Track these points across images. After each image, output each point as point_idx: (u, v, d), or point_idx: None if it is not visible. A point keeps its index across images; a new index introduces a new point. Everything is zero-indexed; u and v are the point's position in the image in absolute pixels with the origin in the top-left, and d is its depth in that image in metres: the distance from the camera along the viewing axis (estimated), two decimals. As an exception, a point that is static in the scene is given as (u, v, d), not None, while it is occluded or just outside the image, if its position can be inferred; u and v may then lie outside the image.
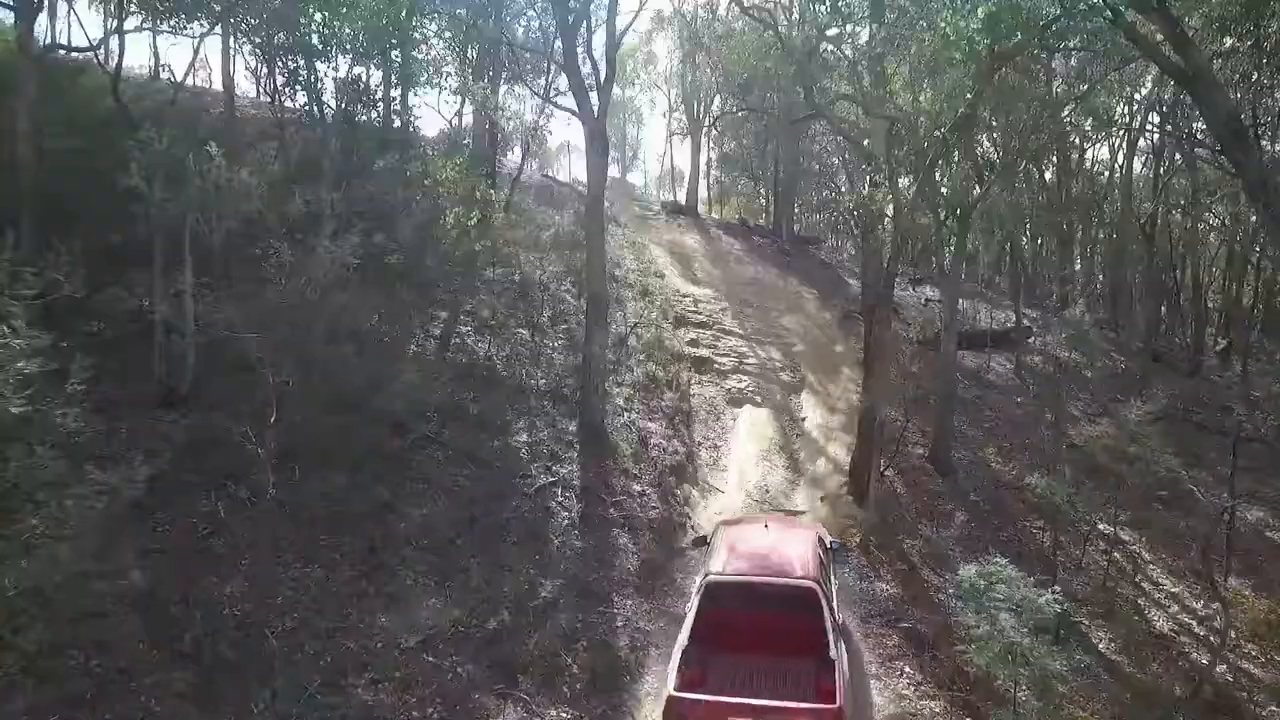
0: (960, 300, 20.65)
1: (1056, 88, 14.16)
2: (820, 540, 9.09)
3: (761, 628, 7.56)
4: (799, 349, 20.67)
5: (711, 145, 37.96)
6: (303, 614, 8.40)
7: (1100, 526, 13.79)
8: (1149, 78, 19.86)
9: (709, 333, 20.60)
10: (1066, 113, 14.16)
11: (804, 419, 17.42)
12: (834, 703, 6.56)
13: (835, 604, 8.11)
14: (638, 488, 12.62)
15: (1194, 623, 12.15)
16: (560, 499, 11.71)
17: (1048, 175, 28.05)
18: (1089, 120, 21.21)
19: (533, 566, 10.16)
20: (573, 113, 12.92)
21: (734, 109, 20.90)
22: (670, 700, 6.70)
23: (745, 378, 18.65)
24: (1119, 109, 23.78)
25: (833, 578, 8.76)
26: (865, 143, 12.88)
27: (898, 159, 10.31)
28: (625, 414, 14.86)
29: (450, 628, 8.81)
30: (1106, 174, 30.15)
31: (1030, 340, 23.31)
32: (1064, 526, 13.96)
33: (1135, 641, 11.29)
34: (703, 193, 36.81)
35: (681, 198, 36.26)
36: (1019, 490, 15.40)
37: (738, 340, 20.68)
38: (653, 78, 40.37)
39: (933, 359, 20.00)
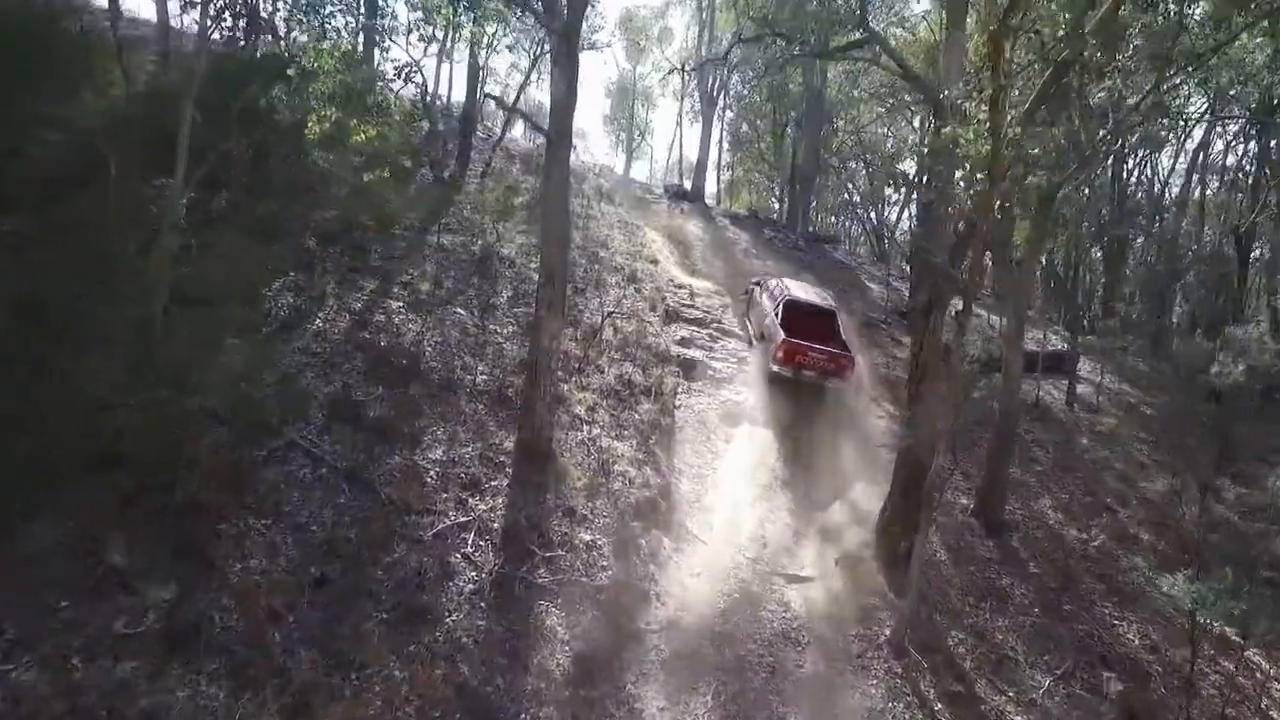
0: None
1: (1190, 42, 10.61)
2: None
3: (810, 326, 14.25)
4: (813, 359, 17.14)
5: (725, 130, 34.52)
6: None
7: (1199, 619, 10.30)
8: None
9: (705, 331, 17.05)
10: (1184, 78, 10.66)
11: (814, 445, 13.88)
12: (851, 353, 14.16)
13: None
14: (586, 535, 9.06)
15: (1358, 784, 8.67)
16: (469, 550, 8.14)
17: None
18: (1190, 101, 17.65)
19: (400, 666, 6.59)
20: (535, 15, 9.38)
21: (759, 36, 17.23)
22: (784, 341, 13.60)
23: (745, 389, 15.10)
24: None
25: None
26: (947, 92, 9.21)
27: (1009, 72, 6.83)
28: (584, 428, 11.32)
29: (227, 784, 5.27)
30: (1170, 181, 26.59)
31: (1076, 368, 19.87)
32: (1149, 614, 10.53)
33: (1288, 818, 7.80)
34: (711, 186, 33.47)
35: (688, 185, 32.79)
36: (1088, 560, 11.92)
37: (739, 343, 17.14)
38: (667, 56, 36.98)
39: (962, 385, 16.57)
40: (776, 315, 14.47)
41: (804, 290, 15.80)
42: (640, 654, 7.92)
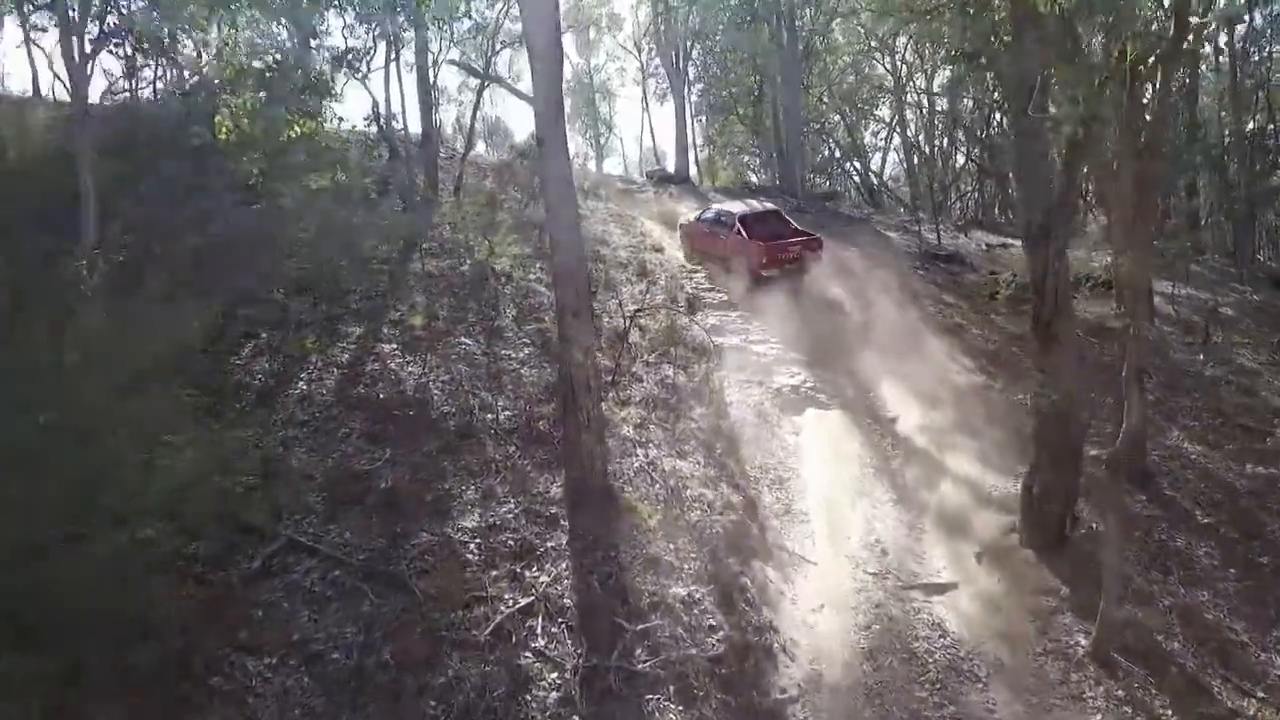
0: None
1: None
2: None
3: (770, 228, 16.15)
4: (859, 320, 15.25)
5: (692, 107, 32.65)
6: None
7: None
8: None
9: (735, 314, 15.21)
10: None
11: (895, 419, 11.99)
12: (815, 234, 16.52)
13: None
14: (680, 589, 7.14)
15: None
16: (541, 644, 6.22)
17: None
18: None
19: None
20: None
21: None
22: (762, 247, 15.29)
23: (797, 369, 13.24)
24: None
25: None
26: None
27: None
28: (639, 451, 9.40)
29: None
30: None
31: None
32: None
33: None
34: (692, 170, 31.74)
35: (671, 168, 31.02)
36: (1255, 496, 10.02)
37: (772, 320, 15.32)
38: (621, 42, 35.15)
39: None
40: (741, 234, 15.88)
41: (745, 205, 18.19)
42: (788, 741, 6.03)
